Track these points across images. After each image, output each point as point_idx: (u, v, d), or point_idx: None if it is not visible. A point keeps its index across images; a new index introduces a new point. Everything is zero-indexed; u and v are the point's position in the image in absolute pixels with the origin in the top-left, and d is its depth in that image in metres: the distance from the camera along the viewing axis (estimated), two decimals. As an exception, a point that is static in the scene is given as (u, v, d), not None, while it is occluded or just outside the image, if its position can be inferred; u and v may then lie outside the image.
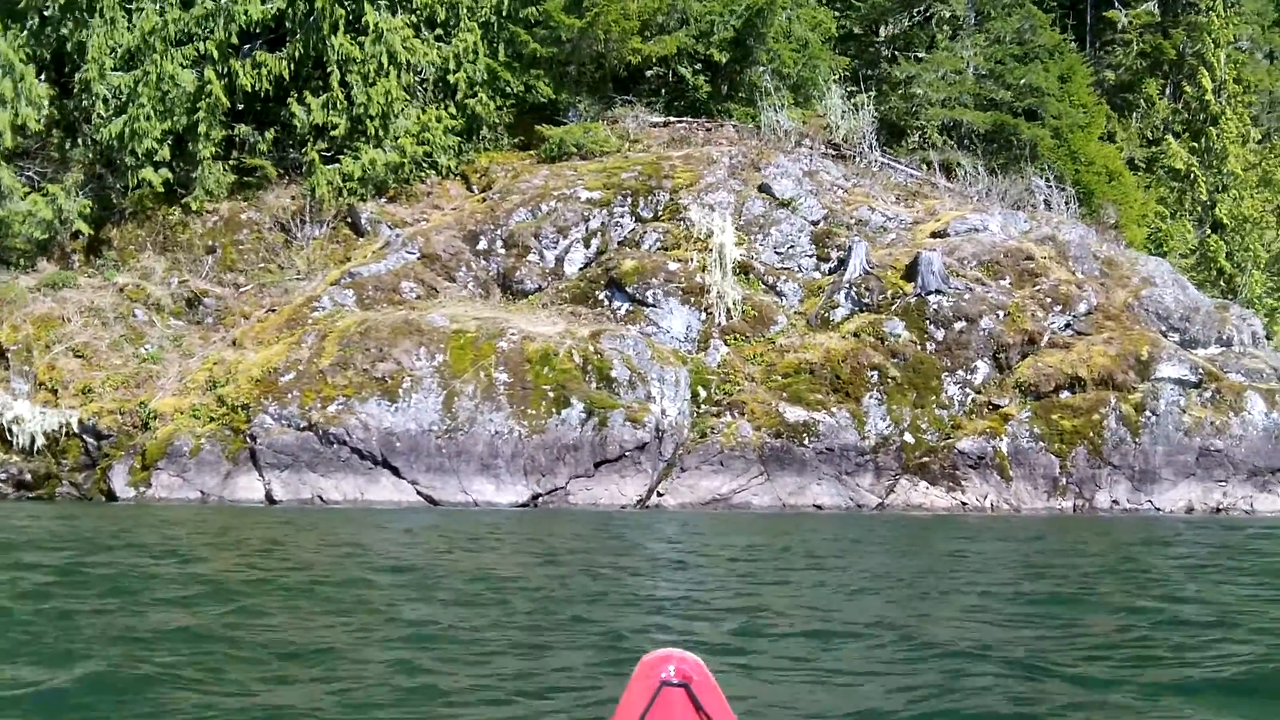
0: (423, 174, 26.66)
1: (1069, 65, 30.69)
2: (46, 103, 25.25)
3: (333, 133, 25.91)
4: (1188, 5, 36.42)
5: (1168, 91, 36.89)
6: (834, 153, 28.29)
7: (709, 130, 28.33)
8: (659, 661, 3.54)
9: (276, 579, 9.75)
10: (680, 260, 23.86)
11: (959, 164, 28.44)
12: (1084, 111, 30.52)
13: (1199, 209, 33.38)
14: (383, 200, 26.24)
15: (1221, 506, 22.05)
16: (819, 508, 21.09)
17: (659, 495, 21.02)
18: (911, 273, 23.56)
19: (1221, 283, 31.61)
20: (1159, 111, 35.77)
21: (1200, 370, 22.87)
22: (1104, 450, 21.86)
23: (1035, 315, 23.32)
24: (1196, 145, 34.17)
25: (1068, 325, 23.66)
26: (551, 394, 21.30)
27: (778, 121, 27.97)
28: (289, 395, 21.41)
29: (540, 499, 20.84)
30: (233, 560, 11.48)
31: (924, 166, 28.69)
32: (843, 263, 24.25)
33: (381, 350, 21.88)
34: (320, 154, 25.66)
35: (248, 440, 21.01)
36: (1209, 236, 32.53)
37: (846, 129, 28.72)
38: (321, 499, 20.63)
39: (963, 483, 21.64)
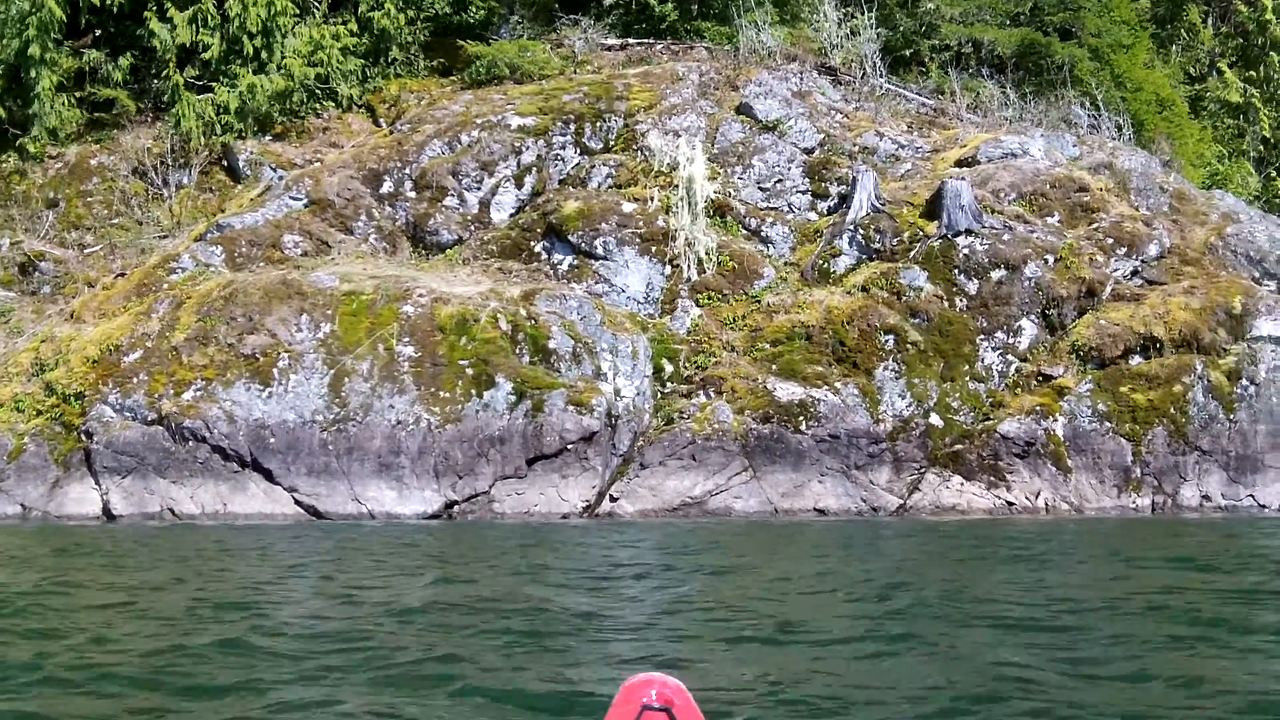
0: (317, 105, 22.96)
1: (1108, -27, 26.07)
2: None
3: (203, 55, 22.61)
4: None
5: (1210, 21, 32.45)
6: (830, 77, 23.42)
7: (676, 53, 23.46)
8: (641, 686, 3.57)
9: None
10: (638, 200, 20.57)
11: (983, 88, 23.71)
12: (1127, 29, 25.84)
13: (1260, 148, 28.97)
14: (266, 138, 22.63)
15: (1344, 501, 18.65)
16: (821, 512, 17.87)
17: (612, 500, 17.86)
18: (934, 209, 20.16)
19: (1291, 233, 26.99)
20: (1203, 42, 31.49)
21: (1309, 326, 19.07)
22: (1189, 431, 18.77)
23: (1094, 260, 20.01)
24: (1254, 75, 29.98)
25: (1135, 272, 20.37)
26: (470, 371, 18.12)
27: (760, 41, 23.17)
28: (134, 380, 18.32)
29: (456, 507, 17.70)
30: None
31: (939, 94, 23.84)
32: (845, 199, 20.81)
33: (251, 320, 18.72)
34: (188, 81, 21.69)
35: (81, 438, 18.04)
36: (1274, 179, 28.20)
37: (844, 54, 23.92)
38: (173, 512, 17.69)
39: (1008, 476, 18.36)
